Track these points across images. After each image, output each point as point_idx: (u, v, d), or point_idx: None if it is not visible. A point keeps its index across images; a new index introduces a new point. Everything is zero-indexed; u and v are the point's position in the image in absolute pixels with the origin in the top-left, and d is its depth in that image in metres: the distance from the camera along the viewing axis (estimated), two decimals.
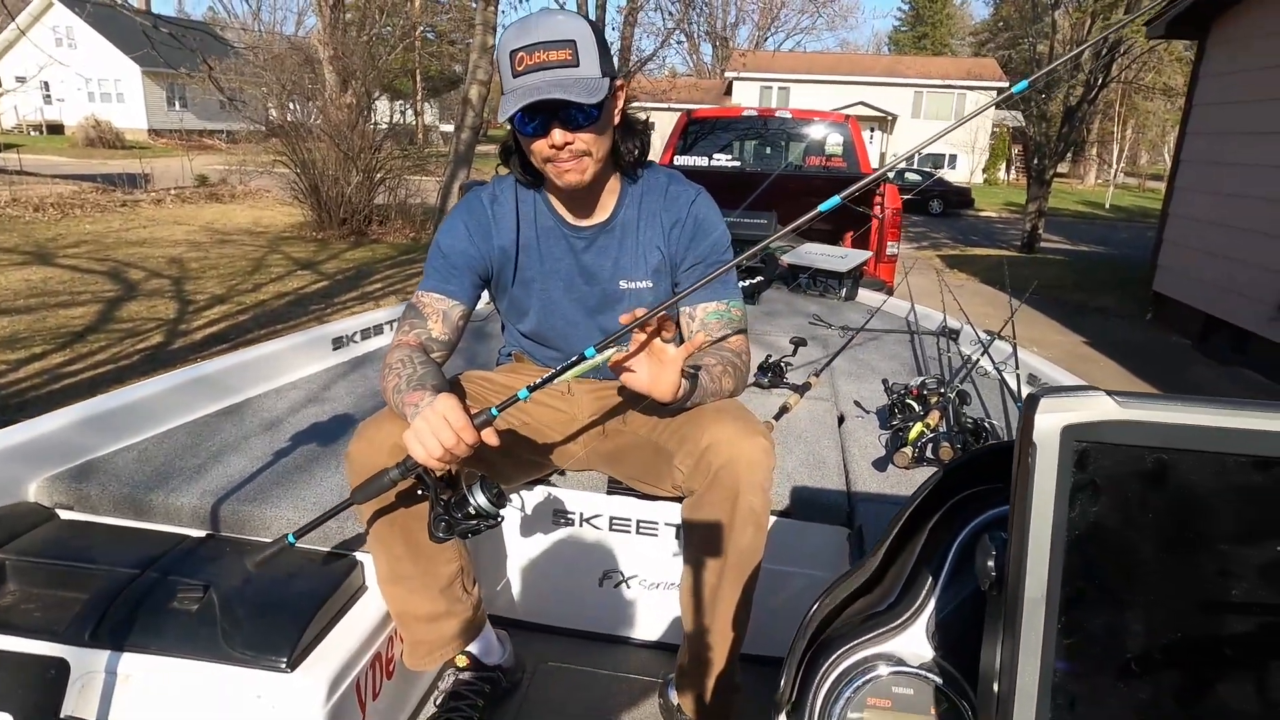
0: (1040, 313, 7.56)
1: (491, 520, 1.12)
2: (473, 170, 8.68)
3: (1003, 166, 30.72)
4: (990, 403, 2.07)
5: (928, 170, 22.97)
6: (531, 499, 1.62)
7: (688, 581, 1.32)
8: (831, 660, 0.66)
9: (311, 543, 1.39)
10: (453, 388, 1.34)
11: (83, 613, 1.19)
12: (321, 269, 7.91)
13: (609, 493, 1.58)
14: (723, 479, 1.21)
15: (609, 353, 1.09)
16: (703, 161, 5.42)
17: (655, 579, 1.64)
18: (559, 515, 1.63)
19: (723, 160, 5.48)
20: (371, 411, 1.30)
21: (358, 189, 9.83)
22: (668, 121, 5.90)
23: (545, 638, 1.70)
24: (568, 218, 1.39)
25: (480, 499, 1.10)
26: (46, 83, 27.58)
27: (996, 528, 0.60)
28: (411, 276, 7.59)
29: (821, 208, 1.11)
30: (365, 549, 1.36)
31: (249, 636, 1.17)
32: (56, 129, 27.66)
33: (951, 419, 1.79)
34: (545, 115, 1.19)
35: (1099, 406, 0.47)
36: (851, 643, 0.66)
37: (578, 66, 1.18)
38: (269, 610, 1.22)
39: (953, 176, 25.97)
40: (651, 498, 1.51)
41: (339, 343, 2.34)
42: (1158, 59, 14.40)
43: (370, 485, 1.15)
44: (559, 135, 1.20)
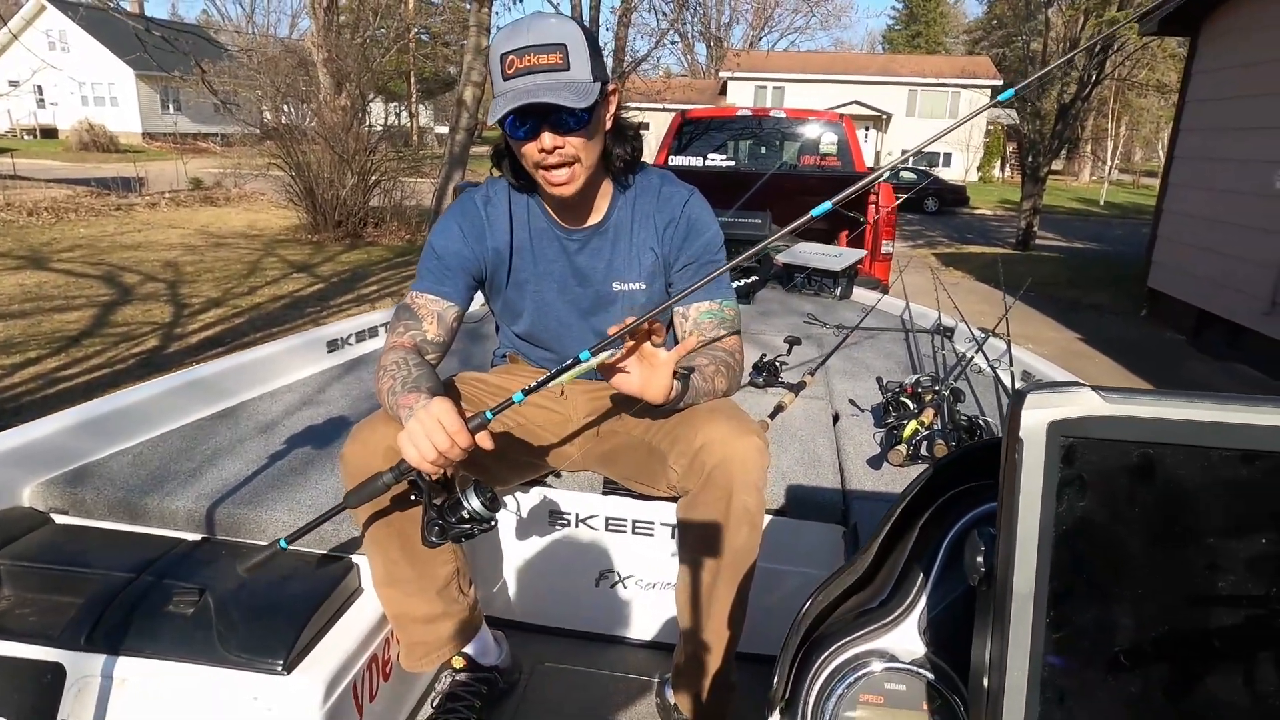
0: (1035, 310, 7.58)
1: (485, 524, 1.12)
2: (468, 172, 8.68)
3: (997, 164, 30.77)
4: (985, 400, 2.08)
5: (922, 169, 22.99)
6: (527, 500, 1.62)
7: (683, 581, 1.32)
8: (824, 657, 0.66)
9: (307, 546, 1.39)
10: (447, 389, 1.34)
11: (78, 617, 1.19)
12: (317, 272, 7.90)
13: (604, 493, 1.58)
14: (717, 478, 1.21)
15: (604, 355, 1.09)
16: (697, 161, 5.42)
17: (651, 579, 1.65)
18: (555, 516, 1.63)
19: (717, 160, 5.49)
20: (366, 414, 1.30)
21: (353, 191, 9.82)
22: (663, 122, 5.91)
23: (542, 638, 1.70)
24: (561, 220, 1.39)
25: (474, 503, 1.09)
26: (40, 86, 27.58)
27: (986, 524, 0.60)
28: (407, 279, 7.58)
29: (814, 212, 1.10)
30: (361, 552, 1.36)
31: (245, 639, 1.17)
32: (50, 133, 27.59)
33: (946, 416, 1.79)
34: (535, 119, 1.19)
35: (1085, 402, 0.47)
36: (844, 639, 0.66)
37: (568, 70, 1.17)
38: (265, 613, 1.22)
39: (948, 174, 26.04)
40: (647, 498, 1.51)
41: (334, 345, 2.34)
42: (1151, 55, 14.42)
43: (364, 489, 1.14)
44: (549, 139, 1.20)
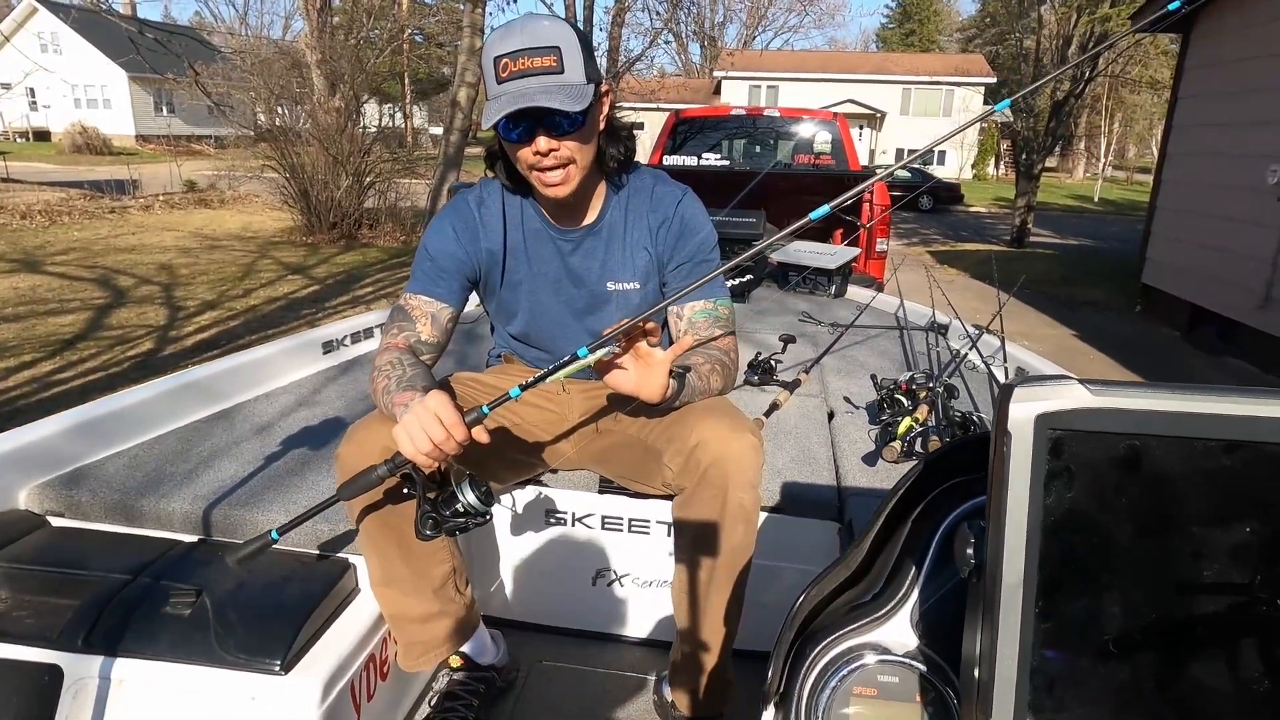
0: (1031, 307, 7.60)
1: (480, 518, 1.11)
2: (462, 173, 8.67)
3: (992, 162, 30.84)
4: (979, 396, 2.08)
5: (917, 167, 23.03)
6: (523, 499, 1.62)
7: (679, 579, 1.32)
8: (818, 650, 0.67)
9: (304, 546, 1.39)
10: (442, 389, 1.35)
11: (75, 619, 1.19)
12: (312, 273, 7.89)
13: (601, 492, 1.59)
14: (712, 476, 1.21)
15: (600, 353, 1.09)
16: (692, 161, 5.42)
17: (648, 577, 1.65)
18: (551, 515, 1.63)
19: (712, 160, 5.49)
20: (362, 414, 1.30)
21: (347, 193, 9.80)
22: (657, 121, 5.91)
23: (539, 637, 1.70)
24: (554, 221, 1.39)
25: (469, 496, 1.09)
26: (32, 89, 27.48)
27: (976, 517, 0.61)
28: (402, 280, 7.56)
29: (813, 215, 1.11)
30: (358, 552, 1.36)
31: (242, 639, 1.17)
32: (43, 135, 27.49)
33: (940, 413, 1.80)
34: (530, 122, 1.19)
35: (1072, 395, 0.48)
36: (837, 633, 0.67)
37: (563, 73, 1.17)
38: (262, 613, 1.22)
39: (942, 172, 26.12)
40: (643, 496, 1.51)
41: (329, 346, 2.34)
42: (1144, 52, 14.47)
43: (357, 481, 1.13)
44: (544, 142, 1.20)
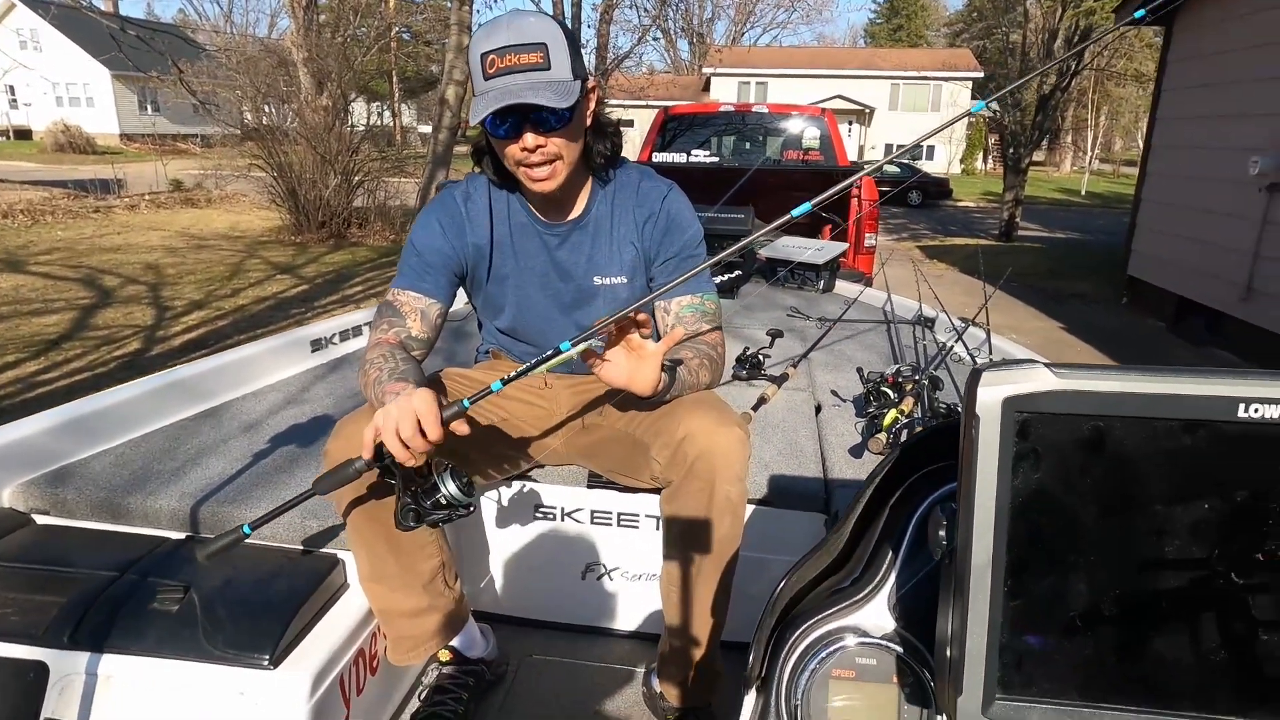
0: (1018, 300, 7.65)
1: (462, 510, 1.11)
2: (451, 171, 8.64)
3: (980, 156, 30.98)
4: (964, 387, 2.10)
5: (906, 163, 23.10)
6: (512, 494, 1.63)
7: (668, 571, 1.33)
8: (798, 635, 0.68)
9: (292, 541, 1.39)
10: (431, 384, 1.35)
11: (61, 615, 1.19)
12: (301, 273, 7.84)
13: (589, 486, 1.60)
14: (699, 470, 1.22)
15: (583, 346, 1.09)
16: (681, 158, 5.44)
17: (637, 570, 1.66)
18: (540, 509, 1.64)
19: (701, 156, 5.50)
20: (351, 411, 1.31)
21: (336, 192, 9.75)
22: (646, 118, 5.92)
23: (529, 631, 1.71)
24: (541, 215, 1.40)
25: (450, 487, 1.09)
26: (12, 86, 27.16)
27: (950, 501, 0.62)
28: (392, 278, 7.52)
29: (794, 213, 1.12)
30: (346, 547, 1.36)
31: (231, 635, 1.17)
32: (24, 134, 27.18)
33: (925, 404, 1.82)
34: (517, 118, 1.20)
35: (1038, 378, 0.49)
36: (817, 617, 0.68)
37: (549, 69, 1.18)
38: (250, 609, 1.22)
39: (930, 167, 26.17)
40: (631, 490, 1.52)
41: (317, 345, 2.33)
42: (1128, 45, 14.58)
43: (334, 475, 1.12)
44: (531, 139, 1.21)
